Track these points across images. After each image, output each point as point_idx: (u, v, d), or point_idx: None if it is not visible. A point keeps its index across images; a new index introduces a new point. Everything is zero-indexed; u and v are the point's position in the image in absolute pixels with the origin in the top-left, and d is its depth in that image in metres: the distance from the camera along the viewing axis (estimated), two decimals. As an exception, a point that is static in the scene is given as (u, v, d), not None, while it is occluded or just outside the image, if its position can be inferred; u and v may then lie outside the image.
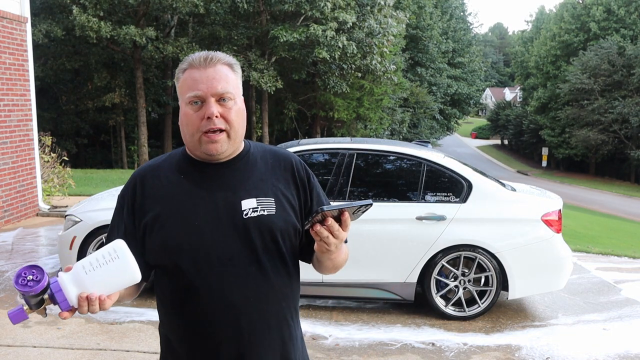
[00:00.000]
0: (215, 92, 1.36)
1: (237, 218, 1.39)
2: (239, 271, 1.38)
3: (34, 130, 8.10)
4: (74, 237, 4.72)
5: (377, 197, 4.76)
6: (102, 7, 17.75)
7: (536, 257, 4.61)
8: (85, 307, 1.22)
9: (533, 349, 4.12)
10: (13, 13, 7.59)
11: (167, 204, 1.41)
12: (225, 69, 1.40)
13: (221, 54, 1.43)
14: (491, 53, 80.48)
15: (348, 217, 1.27)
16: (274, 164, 1.49)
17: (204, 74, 1.37)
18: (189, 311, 1.40)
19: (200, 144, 1.38)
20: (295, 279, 1.50)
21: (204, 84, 1.36)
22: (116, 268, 1.24)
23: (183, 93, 1.40)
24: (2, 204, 7.39)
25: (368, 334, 4.29)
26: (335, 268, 1.49)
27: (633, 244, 11.01)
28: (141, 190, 1.45)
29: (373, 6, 19.81)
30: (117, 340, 3.96)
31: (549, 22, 46.21)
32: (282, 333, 1.45)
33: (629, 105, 33.36)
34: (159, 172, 1.47)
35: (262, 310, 1.40)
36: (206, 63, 1.38)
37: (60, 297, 1.20)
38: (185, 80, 1.39)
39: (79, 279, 1.22)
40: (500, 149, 56.46)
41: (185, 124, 1.39)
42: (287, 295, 1.46)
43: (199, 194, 1.41)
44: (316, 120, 24.04)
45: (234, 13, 20.23)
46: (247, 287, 1.39)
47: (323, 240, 1.28)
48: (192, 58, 1.40)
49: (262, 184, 1.44)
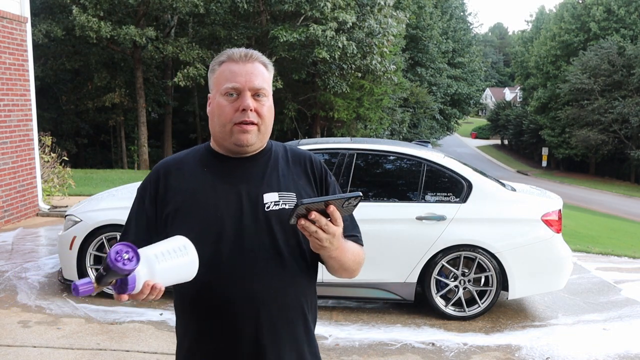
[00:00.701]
0: (252, 86, 1.41)
1: (259, 211, 1.41)
2: (259, 263, 1.40)
3: (34, 130, 8.10)
4: (74, 237, 4.71)
5: (377, 197, 4.76)
6: (102, 7, 17.76)
7: (536, 257, 4.61)
8: (146, 295, 1.22)
9: (533, 349, 4.12)
10: (13, 13, 7.59)
11: (190, 195, 1.44)
12: (262, 67, 1.45)
13: (258, 52, 1.47)
14: (491, 53, 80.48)
15: (334, 210, 1.24)
16: (293, 161, 1.53)
17: (243, 68, 1.41)
18: (209, 303, 1.41)
19: (231, 134, 1.41)
20: (313, 275, 1.51)
21: (242, 77, 1.40)
22: (183, 264, 1.27)
23: (219, 84, 1.43)
24: (2, 204, 7.39)
25: (368, 334, 4.29)
26: (345, 270, 1.46)
27: (633, 244, 11.01)
28: (164, 182, 1.47)
29: (373, 6, 19.80)
30: (117, 340, 3.96)
31: (549, 22, 46.20)
32: (299, 327, 1.46)
33: (629, 105, 33.36)
34: (182, 164, 1.50)
35: (281, 303, 1.42)
36: (246, 58, 1.42)
37: (132, 281, 1.20)
38: (223, 72, 1.43)
39: (150, 267, 1.23)
40: (500, 149, 56.46)
41: (218, 114, 1.42)
42: (305, 290, 1.47)
43: (222, 186, 1.44)
44: (316, 120, 24.02)
45: (234, 13, 20.24)
46: (268, 280, 1.40)
47: (313, 236, 1.26)
48: (232, 52, 1.45)
49: (284, 179, 1.47)
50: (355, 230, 1.54)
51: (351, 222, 1.54)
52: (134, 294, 1.22)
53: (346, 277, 1.51)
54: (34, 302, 4.60)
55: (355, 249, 1.48)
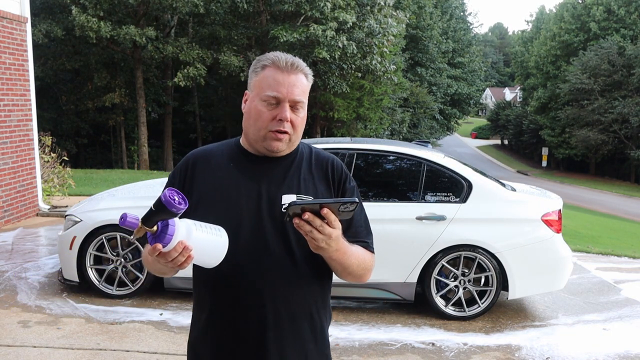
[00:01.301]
0: (293, 98, 1.46)
1: (276, 210, 1.47)
2: (271, 260, 1.46)
3: (34, 130, 8.10)
4: (74, 237, 4.71)
5: (377, 197, 4.76)
6: (102, 7, 17.75)
7: (536, 257, 4.61)
8: (176, 256, 1.27)
9: (533, 349, 4.12)
10: (13, 13, 7.59)
11: (214, 187, 1.51)
12: (304, 79, 1.49)
13: (302, 62, 1.50)
14: (491, 53, 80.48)
15: (328, 212, 1.27)
16: (316, 164, 1.58)
17: (287, 79, 1.45)
18: (221, 294, 1.48)
19: (264, 139, 1.48)
20: (327, 276, 1.55)
21: (284, 88, 1.44)
22: (215, 242, 1.34)
23: (260, 88, 1.47)
24: (2, 204, 7.39)
25: (368, 334, 4.29)
26: (349, 274, 1.49)
27: (633, 244, 11.01)
28: (192, 171, 1.54)
29: (373, 6, 19.80)
30: (117, 340, 3.96)
31: (549, 22, 46.19)
32: (304, 325, 1.51)
33: (629, 105, 33.36)
34: (211, 157, 1.57)
35: (287, 300, 1.47)
36: (291, 68, 1.46)
37: (171, 231, 1.26)
38: (266, 78, 1.46)
39: (188, 231, 1.29)
40: (500, 149, 56.46)
41: (255, 118, 1.48)
42: (314, 290, 1.52)
43: (245, 183, 1.50)
44: (316, 120, 24.02)
45: (234, 13, 20.23)
46: (277, 276, 1.46)
47: (308, 235, 1.30)
48: (277, 58, 1.47)
49: (305, 183, 1.53)
50: (368, 237, 1.58)
51: (365, 228, 1.58)
52: (165, 252, 1.26)
53: (352, 281, 1.54)
54: (34, 302, 4.60)
55: (362, 254, 1.50)
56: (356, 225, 1.54)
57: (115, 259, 4.73)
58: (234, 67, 19.14)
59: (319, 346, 1.54)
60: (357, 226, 1.54)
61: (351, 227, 1.49)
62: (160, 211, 1.24)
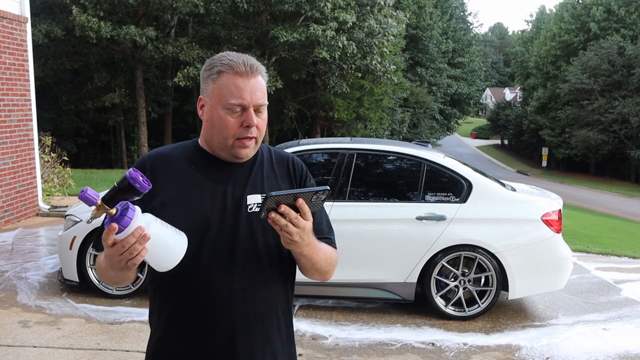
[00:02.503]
0: (257, 103, 1.43)
1: (242, 211, 1.46)
2: (237, 261, 1.44)
3: (34, 130, 8.10)
4: (74, 237, 4.71)
5: (377, 197, 4.77)
6: (102, 7, 17.75)
7: (536, 257, 4.61)
8: (133, 242, 1.20)
9: (533, 349, 4.12)
10: (13, 13, 7.59)
11: (177, 191, 1.47)
12: (262, 80, 1.46)
13: (255, 61, 1.46)
14: (491, 53, 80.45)
15: (302, 203, 1.27)
16: (277, 163, 1.57)
17: (248, 84, 1.42)
18: (186, 298, 1.44)
19: (232, 148, 1.45)
20: (290, 277, 1.55)
21: (247, 94, 1.41)
22: (174, 242, 1.30)
23: (221, 96, 1.42)
24: (2, 204, 7.39)
25: (368, 334, 4.29)
26: (317, 270, 1.48)
27: (633, 244, 11.01)
28: (151, 175, 1.46)
29: (373, 6, 19.80)
30: (117, 340, 3.96)
31: (549, 22, 46.20)
32: (272, 326, 1.50)
33: (629, 105, 33.36)
34: (170, 159, 1.53)
35: (255, 302, 1.45)
36: (250, 72, 1.42)
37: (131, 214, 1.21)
38: (227, 86, 1.42)
39: (148, 221, 1.25)
40: (500, 149, 56.45)
41: (220, 127, 1.44)
42: (279, 291, 1.51)
43: (208, 185, 1.47)
44: (316, 120, 24.03)
45: (234, 13, 20.22)
46: (244, 278, 1.44)
47: (283, 230, 1.28)
48: (233, 62, 1.42)
49: (268, 182, 1.52)
50: (330, 234, 1.58)
51: (327, 224, 1.58)
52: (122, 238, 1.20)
53: (318, 279, 1.53)
54: (34, 302, 4.60)
55: (328, 250, 1.51)
56: (318, 222, 1.52)
57: (115, 259, 4.73)
58: (234, 67, 19.11)
59: (287, 346, 1.55)
60: (319, 223, 1.53)
61: (314, 224, 1.45)
62: (124, 189, 1.20)
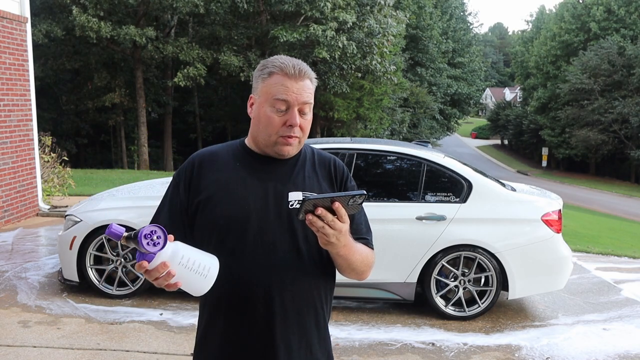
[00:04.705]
0: (302, 101, 1.50)
1: (283, 207, 1.52)
2: (278, 255, 1.50)
3: (34, 130, 8.10)
4: (74, 237, 4.71)
5: (377, 197, 4.76)
6: (102, 7, 17.75)
7: (536, 257, 4.61)
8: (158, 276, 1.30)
9: (533, 349, 4.12)
10: (13, 13, 7.59)
11: (222, 186, 1.54)
12: (310, 84, 1.53)
13: (306, 65, 1.53)
14: (491, 53, 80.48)
15: (339, 207, 1.31)
16: (319, 163, 1.64)
17: (295, 85, 1.49)
18: (228, 289, 1.50)
19: (275, 145, 1.53)
20: (330, 272, 1.59)
21: (293, 95, 1.49)
22: (196, 281, 1.35)
23: (269, 94, 1.50)
24: (2, 204, 7.39)
25: (368, 334, 4.29)
26: (353, 270, 1.53)
27: (633, 244, 11.01)
28: (198, 171, 1.58)
29: (373, 6, 19.80)
30: (117, 340, 3.96)
31: (549, 22, 46.19)
32: (310, 319, 1.55)
33: (629, 105, 33.35)
34: (217, 157, 1.61)
35: (294, 294, 1.51)
36: (299, 75, 1.49)
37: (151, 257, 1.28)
38: (275, 85, 1.49)
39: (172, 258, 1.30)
40: (500, 149, 56.45)
41: (265, 124, 1.52)
42: (319, 285, 1.56)
43: (251, 181, 1.55)
44: (316, 120, 23.99)
45: (234, 13, 20.24)
46: (284, 271, 1.50)
47: (320, 232, 1.33)
48: (284, 64, 1.50)
49: (310, 181, 1.58)
50: (368, 234, 1.63)
51: (366, 225, 1.64)
52: (150, 267, 1.29)
53: (354, 278, 1.58)
54: (34, 302, 4.60)
55: (365, 251, 1.55)
56: (357, 223, 1.58)
57: (115, 259, 4.74)
58: (234, 67, 19.14)
59: (322, 340, 1.60)
60: (358, 223, 1.59)
61: (352, 224, 1.52)
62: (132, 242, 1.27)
